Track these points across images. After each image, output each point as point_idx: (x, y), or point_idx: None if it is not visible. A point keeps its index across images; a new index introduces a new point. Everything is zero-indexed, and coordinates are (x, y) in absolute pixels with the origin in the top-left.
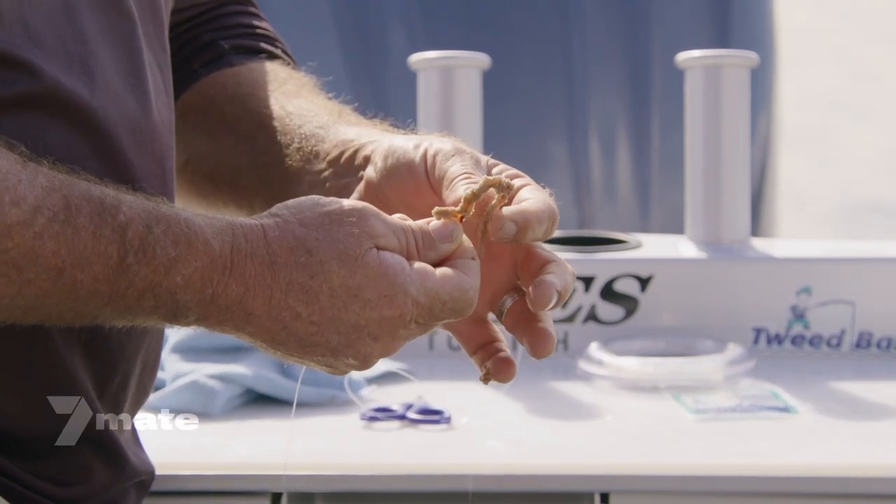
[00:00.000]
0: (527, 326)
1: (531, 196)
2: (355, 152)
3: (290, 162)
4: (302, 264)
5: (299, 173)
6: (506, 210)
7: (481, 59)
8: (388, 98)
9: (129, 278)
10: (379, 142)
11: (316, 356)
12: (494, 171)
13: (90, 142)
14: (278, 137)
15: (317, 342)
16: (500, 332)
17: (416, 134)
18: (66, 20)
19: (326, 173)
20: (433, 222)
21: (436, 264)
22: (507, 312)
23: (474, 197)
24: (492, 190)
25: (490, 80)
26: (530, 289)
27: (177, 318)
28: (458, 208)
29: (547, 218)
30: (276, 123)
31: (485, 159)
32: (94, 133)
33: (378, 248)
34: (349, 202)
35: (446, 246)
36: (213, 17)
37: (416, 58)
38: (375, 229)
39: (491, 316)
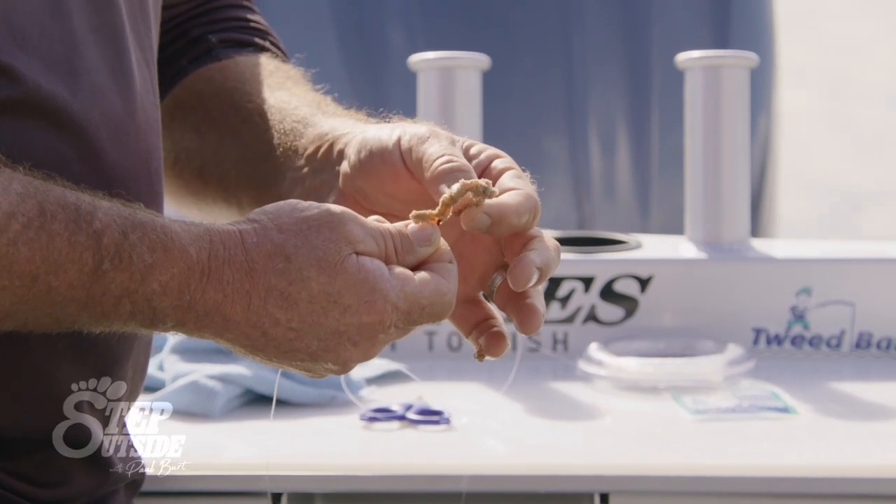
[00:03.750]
0: (515, 304)
1: (512, 185)
2: (330, 147)
3: (273, 159)
4: (280, 271)
5: (281, 170)
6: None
7: (481, 60)
8: (388, 99)
9: (104, 284)
10: (352, 134)
11: (295, 361)
12: (472, 150)
13: (73, 145)
14: (261, 134)
15: (296, 348)
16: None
17: (388, 122)
18: (54, 18)
19: (305, 170)
20: (411, 226)
21: (413, 268)
22: (496, 291)
23: (452, 201)
24: (469, 193)
25: (490, 80)
26: (511, 267)
27: (154, 324)
28: (435, 211)
29: (526, 211)
30: (258, 119)
31: (460, 141)
32: (77, 136)
33: (357, 254)
34: (327, 207)
35: (424, 249)
36: (204, 11)
37: (416, 58)
38: (354, 235)
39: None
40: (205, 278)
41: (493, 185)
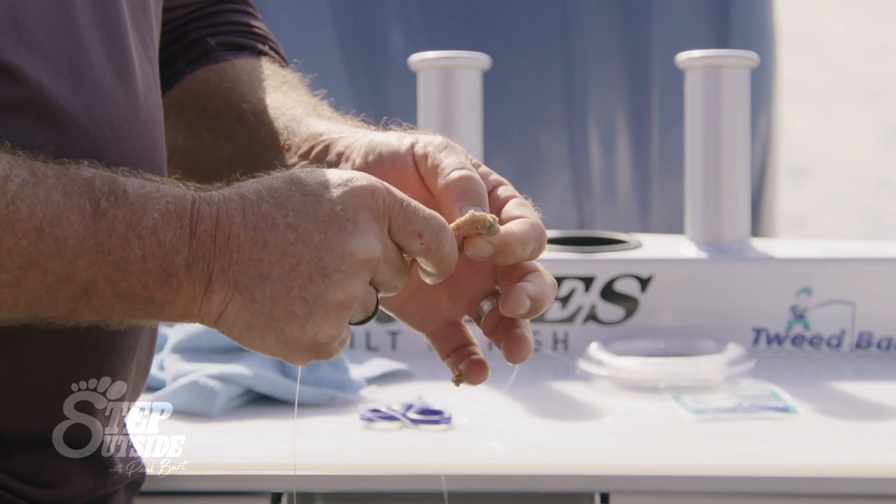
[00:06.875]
0: (504, 332)
1: (518, 213)
2: (326, 147)
3: (264, 158)
4: (269, 186)
5: (270, 168)
6: None
7: (481, 60)
8: (389, 99)
9: (108, 222)
10: (353, 138)
11: (302, 280)
12: (480, 170)
13: (75, 144)
14: (254, 133)
15: (300, 256)
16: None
17: (389, 130)
18: (60, 13)
19: (295, 168)
20: None
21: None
22: (485, 318)
23: (456, 229)
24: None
25: (490, 80)
26: (503, 293)
27: (168, 272)
28: None
29: (532, 240)
30: (253, 119)
31: (470, 158)
32: (79, 135)
33: None
34: None
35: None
36: (204, 14)
37: (417, 58)
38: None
39: (466, 319)
40: (196, 202)
41: (501, 209)
